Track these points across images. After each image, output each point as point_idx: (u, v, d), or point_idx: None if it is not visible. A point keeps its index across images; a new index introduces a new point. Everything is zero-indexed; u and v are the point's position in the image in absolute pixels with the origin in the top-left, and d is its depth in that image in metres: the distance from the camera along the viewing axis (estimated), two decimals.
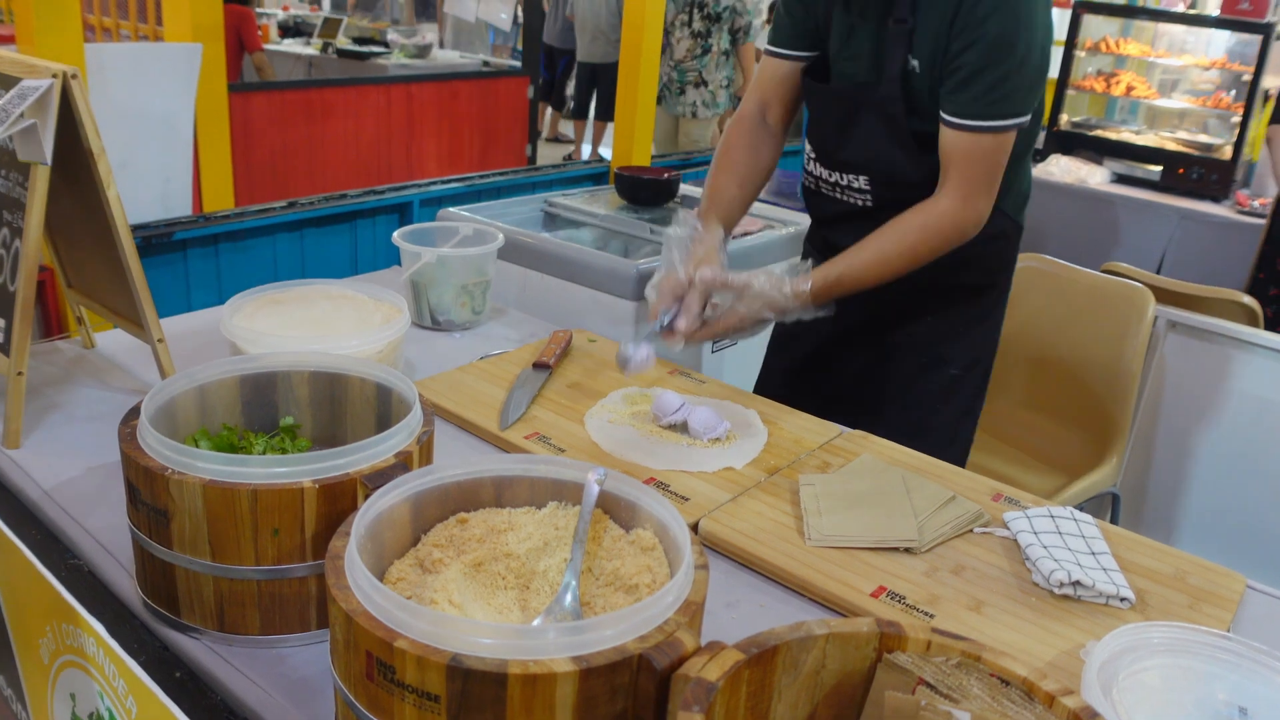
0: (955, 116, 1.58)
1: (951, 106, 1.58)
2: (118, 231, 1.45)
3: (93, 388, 1.63)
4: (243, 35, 6.24)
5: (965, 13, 1.53)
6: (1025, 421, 2.65)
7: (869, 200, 1.76)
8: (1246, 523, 2.79)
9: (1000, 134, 1.57)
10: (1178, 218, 4.91)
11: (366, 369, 1.26)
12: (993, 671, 0.83)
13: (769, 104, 1.86)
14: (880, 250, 1.62)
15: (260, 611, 1.05)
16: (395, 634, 0.79)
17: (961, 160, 1.59)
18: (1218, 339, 2.74)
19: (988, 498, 1.45)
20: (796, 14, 1.79)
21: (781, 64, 1.83)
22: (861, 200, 1.77)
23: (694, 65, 5.91)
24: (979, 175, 1.59)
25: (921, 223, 1.61)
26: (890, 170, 1.71)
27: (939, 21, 1.56)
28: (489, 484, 1.06)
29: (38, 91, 1.37)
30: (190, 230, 2.71)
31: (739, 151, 1.85)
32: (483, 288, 2.02)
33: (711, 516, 1.35)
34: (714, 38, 5.88)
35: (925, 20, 1.58)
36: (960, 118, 1.57)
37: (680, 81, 5.98)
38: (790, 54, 1.81)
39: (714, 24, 5.86)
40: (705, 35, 5.88)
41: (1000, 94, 1.55)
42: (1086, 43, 5.80)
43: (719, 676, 0.77)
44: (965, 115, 1.56)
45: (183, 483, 1.00)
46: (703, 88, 5.98)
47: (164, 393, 1.15)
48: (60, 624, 1.02)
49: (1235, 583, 1.29)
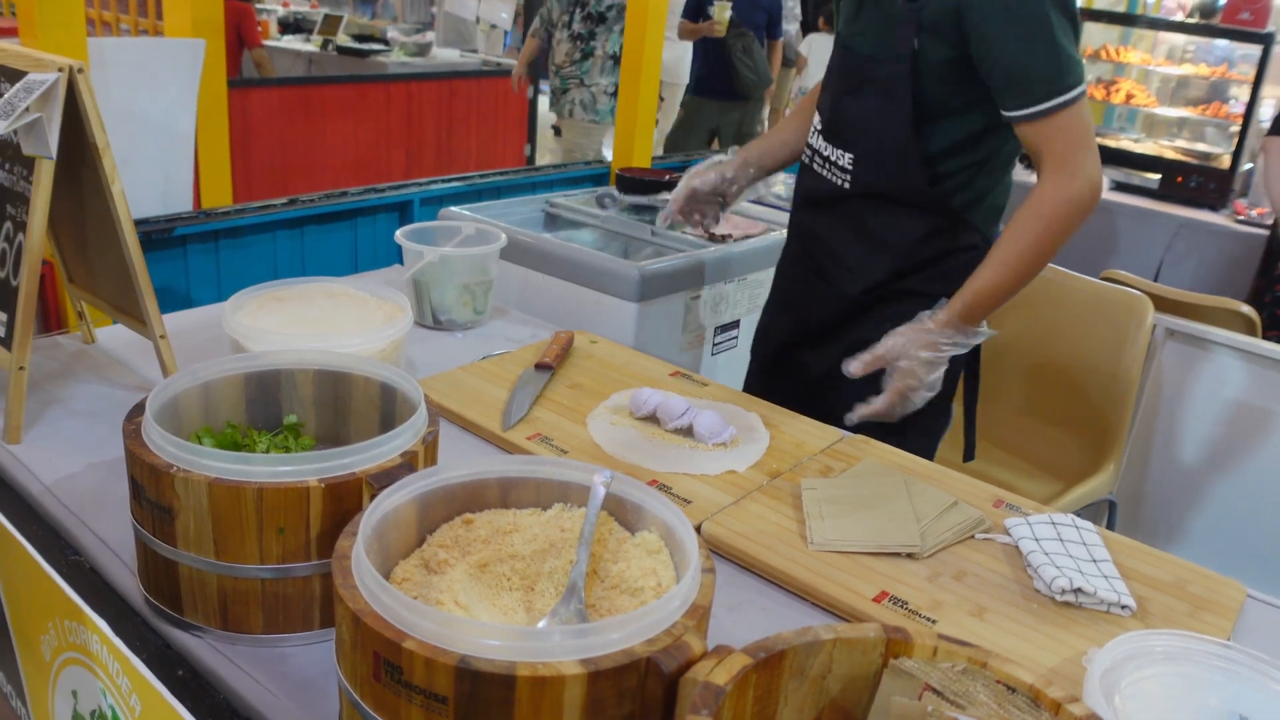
0: (1018, 110, 1.54)
1: (1011, 101, 1.55)
2: (121, 227, 1.45)
3: (93, 383, 1.62)
4: (242, 31, 6.23)
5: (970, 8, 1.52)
6: (1023, 428, 2.65)
7: (848, 182, 1.75)
8: (1243, 531, 2.80)
9: (1070, 106, 1.53)
10: (1176, 226, 4.92)
11: (371, 368, 1.26)
12: (999, 678, 0.83)
13: None
14: (1008, 254, 1.58)
15: (264, 610, 1.05)
16: (404, 634, 0.79)
17: (1045, 145, 1.55)
18: (1215, 347, 2.75)
19: (989, 504, 1.45)
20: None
21: None
22: (842, 180, 1.76)
23: (574, 71, 5.34)
24: (1069, 148, 1.54)
25: (1035, 211, 1.57)
26: (878, 149, 1.70)
27: (946, 12, 1.55)
28: (494, 485, 1.06)
29: (44, 85, 1.36)
30: (191, 226, 2.70)
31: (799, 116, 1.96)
32: (485, 287, 2.02)
33: (714, 519, 1.35)
34: (599, 40, 5.28)
35: (933, 5, 1.56)
36: (1023, 109, 1.54)
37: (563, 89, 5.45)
38: None
39: (598, 25, 5.26)
40: (588, 38, 5.28)
41: (1049, 70, 1.51)
42: (1086, 50, 5.82)
43: (727, 681, 0.77)
44: (1026, 105, 1.53)
45: (188, 480, 1.00)
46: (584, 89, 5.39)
47: (169, 389, 1.15)
48: (63, 621, 1.02)
49: (1235, 591, 1.29)
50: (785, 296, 1.98)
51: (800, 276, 1.91)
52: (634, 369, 1.82)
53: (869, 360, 1.57)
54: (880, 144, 1.69)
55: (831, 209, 1.79)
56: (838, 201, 1.77)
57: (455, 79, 6.22)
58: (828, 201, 1.80)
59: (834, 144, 1.77)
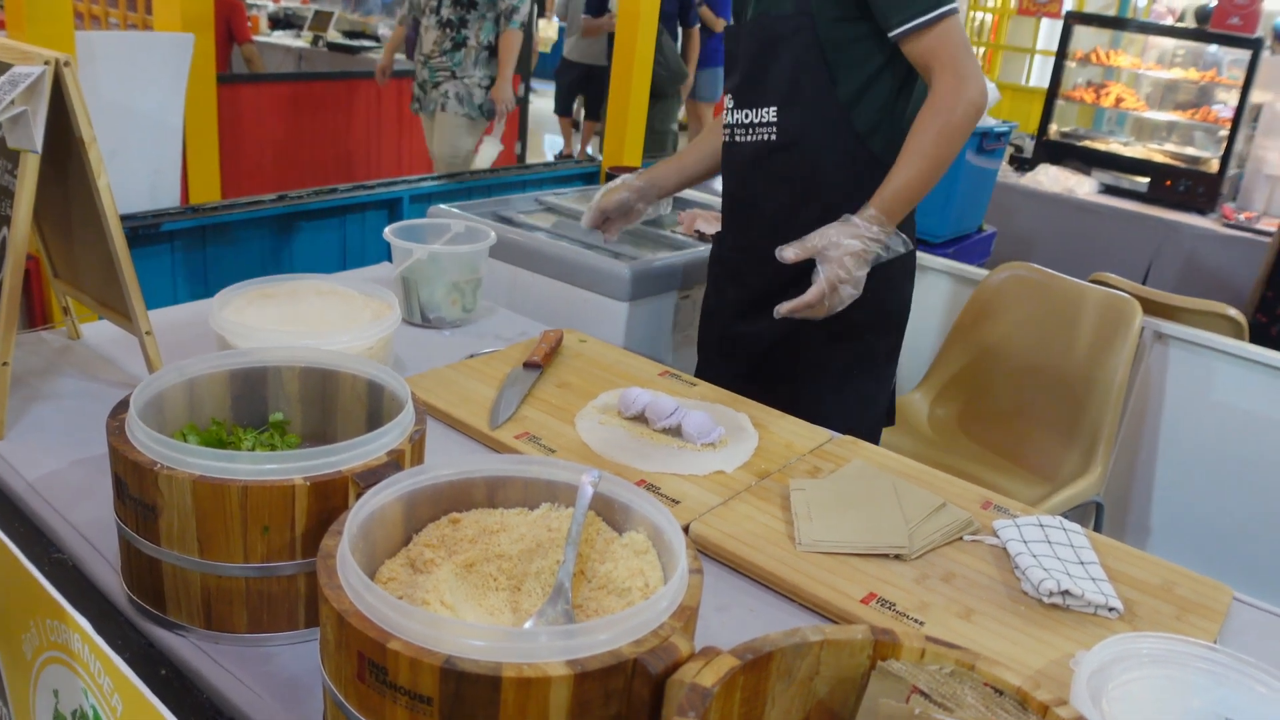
0: (903, 25, 1.67)
1: (896, 18, 1.67)
2: (107, 222, 1.44)
3: (78, 379, 1.61)
4: (232, 26, 6.21)
5: None
6: (1011, 429, 2.66)
7: (773, 134, 1.85)
8: (1229, 534, 2.80)
9: (950, 16, 1.67)
10: (1164, 229, 4.95)
11: (358, 365, 1.25)
12: (986, 680, 0.83)
13: None
14: (915, 152, 1.68)
15: (248, 609, 1.04)
16: (388, 635, 0.78)
17: (931, 56, 1.68)
18: (1203, 351, 2.75)
19: (977, 505, 1.45)
20: None
21: None
22: (767, 135, 1.86)
23: (444, 62, 4.79)
24: (956, 55, 1.68)
25: (935, 110, 1.68)
26: (798, 95, 1.81)
27: None
28: (482, 484, 1.05)
29: (29, 78, 1.35)
30: (178, 221, 2.69)
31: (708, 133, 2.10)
32: (474, 285, 2.01)
33: (702, 520, 1.35)
34: (470, 29, 4.74)
35: None
36: (907, 23, 1.66)
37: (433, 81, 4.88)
38: None
39: (469, 11, 4.71)
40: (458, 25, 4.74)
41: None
42: (1076, 53, 5.84)
43: (714, 682, 0.77)
44: (910, 18, 1.66)
45: (172, 478, 0.99)
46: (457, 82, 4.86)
47: (153, 386, 1.14)
48: (44, 619, 1.01)
49: (1222, 594, 1.30)
50: (725, 276, 2.08)
51: (737, 250, 2.02)
52: (623, 368, 1.81)
53: (799, 250, 1.64)
54: (800, 90, 1.80)
55: (758, 168, 1.90)
56: (764, 159, 1.88)
57: None
58: (754, 161, 1.90)
59: (754, 106, 1.87)
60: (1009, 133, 4.35)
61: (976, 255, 4.36)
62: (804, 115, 1.82)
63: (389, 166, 6.00)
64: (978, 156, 4.14)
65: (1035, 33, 10.55)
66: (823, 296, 1.62)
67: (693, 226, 2.78)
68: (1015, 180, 5.38)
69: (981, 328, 2.73)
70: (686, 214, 2.88)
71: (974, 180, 4.25)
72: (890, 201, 1.67)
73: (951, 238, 4.26)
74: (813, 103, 1.80)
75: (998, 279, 2.73)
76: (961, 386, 2.75)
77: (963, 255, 4.08)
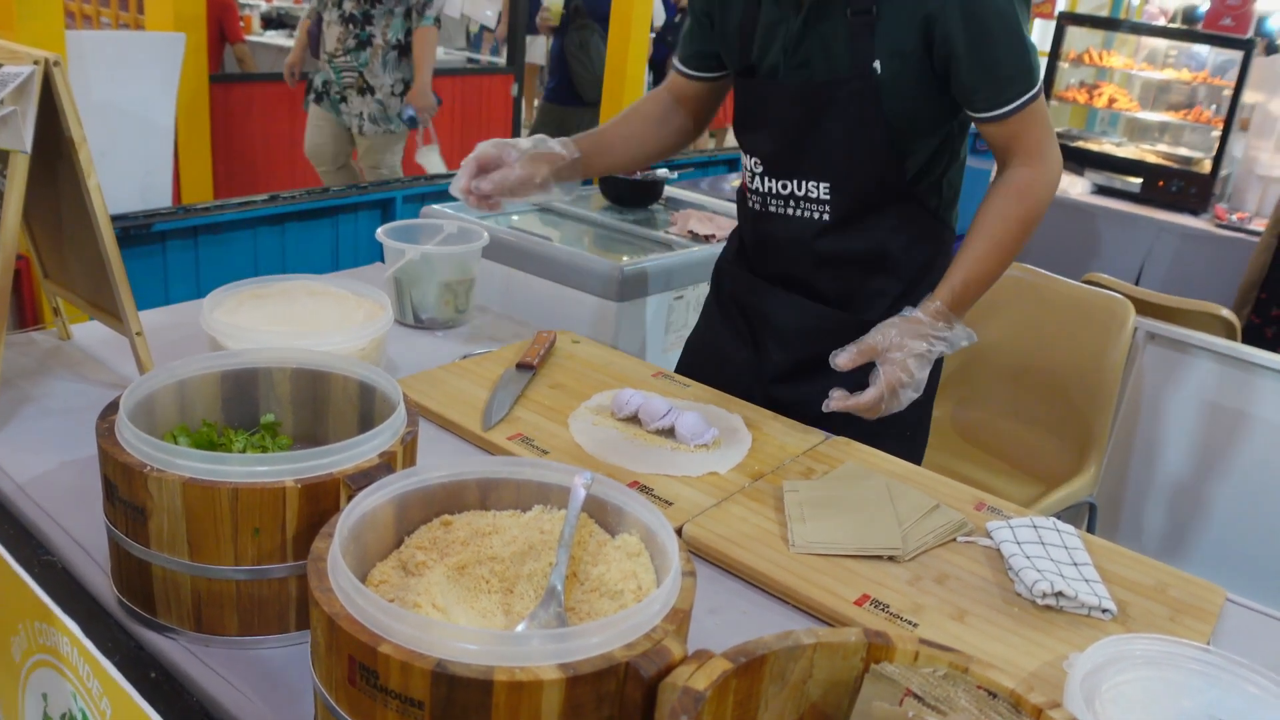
0: (992, 110, 1.52)
1: (984, 103, 1.52)
2: (97, 222, 1.43)
3: (68, 380, 1.60)
4: (224, 26, 6.18)
5: (943, 10, 1.46)
6: (1004, 430, 2.66)
7: (827, 213, 1.66)
8: (1222, 534, 2.81)
9: (1036, 101, 1.53)
10: (1156, 230, 4.96)
11: (350, 367, 1.25)
12: (980, 683, 0.83)
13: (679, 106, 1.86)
14: (995, 241, 1.55)
15: (239, 612, 1.04)
16: (379, 639, 0.77)
17: (1018, 139, 1.55)
18: (1196, 352, 2.76)
19: (970, 507, 1.45)
20: (704, 25, 1.74)
21: (685, 81, 1.83)
22: (819, 213, 1.67)
23: (349, 62, 4.39)
24: (1043, 137, 1.56)
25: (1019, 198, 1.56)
26: (858, 171, 1.62)
27: (907, 18, 1.50)
28: (474, 486, 1.05)
29: (19, 78, 1.34)
30: (170, 222, 2.68)
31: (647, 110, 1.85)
32: (466, 286, 2.00)
33: (695, 521, 1.34)
34: (376, 25, 4.34)
35: (890, 13, 1.51)
36: (998, 108, 1.52)
37: (339, 84, 4.46)
38: (702, 76, 1.81)
39: (374, 7, 4.31)
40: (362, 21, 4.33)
41: (1020, 71, 1.50)
42: (1070, 54, 5.85)
43: (707, 686, 0.76)
44: (1001, 104, 1.52)
45: (162, 480, 0.98)
46: (368, 95, 4.44)
47: (143, 387, 1.14)
48: (33, 622, 1.00)
49: (1215, 595, 1.30)
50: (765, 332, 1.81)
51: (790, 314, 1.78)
52: (616, 369, 1.81)
53: (858, 353, 1.48)
54: (858, 165, 1.62)
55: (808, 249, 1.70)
56: (816, 238, 1.69)
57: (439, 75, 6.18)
58: (801, 240, 1.70)
59: (795, 178, 1.66)
60: None
61: None
62: (863, 191, 1.64)
63: None
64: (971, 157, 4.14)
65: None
66: (880, 400, 1.46)
67: (686, 227, 2.78)
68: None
69: (975, 328, 2.72)
70: (680, 214, 2.88)
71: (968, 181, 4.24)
72: (961, 294, 1.53)
73: None
74: (874, 178, 1.63)
75: None
76: (955, 387, 2.75)
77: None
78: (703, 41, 1.77)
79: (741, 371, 1.83)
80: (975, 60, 1.49)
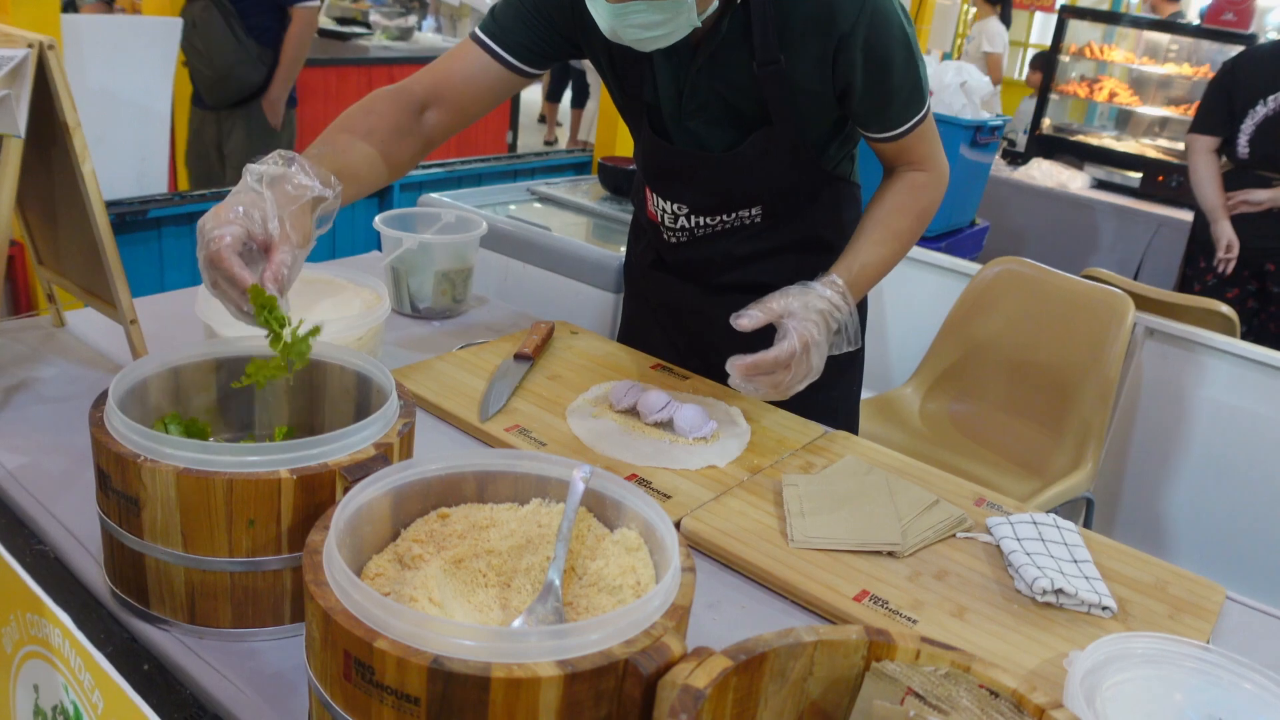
0: (884, 132, 1.57)
1: (876, 126, 1.56)
2: (92, 208, 1.42)
3: (62, 368, 1.59)
4: None
5: (845, 47, 1.44)
6: (1001, 425, 2.65)
7: (759, 218, 1.69)
8: (1219, 530, 2.81)
9: (925, 119, 1.58)
10: (1156, 225, 4.95)
11: (346, 357, 1.23)
12: (982, 682, 0.82)
13: (441, 101, 1.55)
14: (892, 233, 1.58)
15: (233, 604, 1.03)
16: (375, 634, 0.76)
17: (909, 152, 1.60)
18: (1195, 347, 2.76)
19: (970, 502, 1.44)
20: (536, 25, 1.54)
21: (489, 62, 1.55)
22: (751, 220, 1.69)
23: None
24: (926, 153, 1.61)
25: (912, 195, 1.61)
26: (788, 189, 1.66)
27: (811, 59, 1.46)
28: (471, 479, 1.04)
29: (12, 61, 1.33)
30: (166, 208, 2.66)
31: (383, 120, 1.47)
32: (464, 276, 1.99)
33: (694, 515, 1.33)
34: None
35: (794, 57, 1.46)
36: (889, 130, 1.56)
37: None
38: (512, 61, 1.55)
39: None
40: None
41: (913, 95, 1.54)
42: (1070, 48, 5.84)
43: (707, 684, 0.75)
44: (893, 127, 1.56)
45: (155, 470, 0.97)
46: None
47: (134, 375, 1.12)
48: (24, 614, 0.99)
49: (1215, 593, 1.29)
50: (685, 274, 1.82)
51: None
52: (615, 361, 1.80)
53: (761, 316, 1.43)
54: (787, 185, 1.66)
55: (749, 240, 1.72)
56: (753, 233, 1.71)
57: None
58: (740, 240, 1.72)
59: (727, 212, 1.68)
60: (1002, 127, 4.35)
61: (969, 250, 4.36)
62: (793, 196, 1.68)
63: None
64: (971, 150, 4.13)
65: (1029, 27, 10.54)
66: (794, 357, 1.40)
67: None
68: (1008, 174, 5.38)
69: (973, 322, 2.72)
70: None
71: (967, 174, 4.24)
72: (858, 275, 1.53)
73: (944, 231, 4.25)
74: (802, 187, 1.67)
75: (990, 273, 2.73)
76: (953, 381, 2.75)
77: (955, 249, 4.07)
78: (541, 34, 1.55)
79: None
80: (873, 91, 1.51)
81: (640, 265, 1.91)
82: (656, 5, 1.32)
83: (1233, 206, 3.80)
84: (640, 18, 1.34)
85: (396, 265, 1.93)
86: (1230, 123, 3.80)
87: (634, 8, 1.32)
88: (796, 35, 1.45)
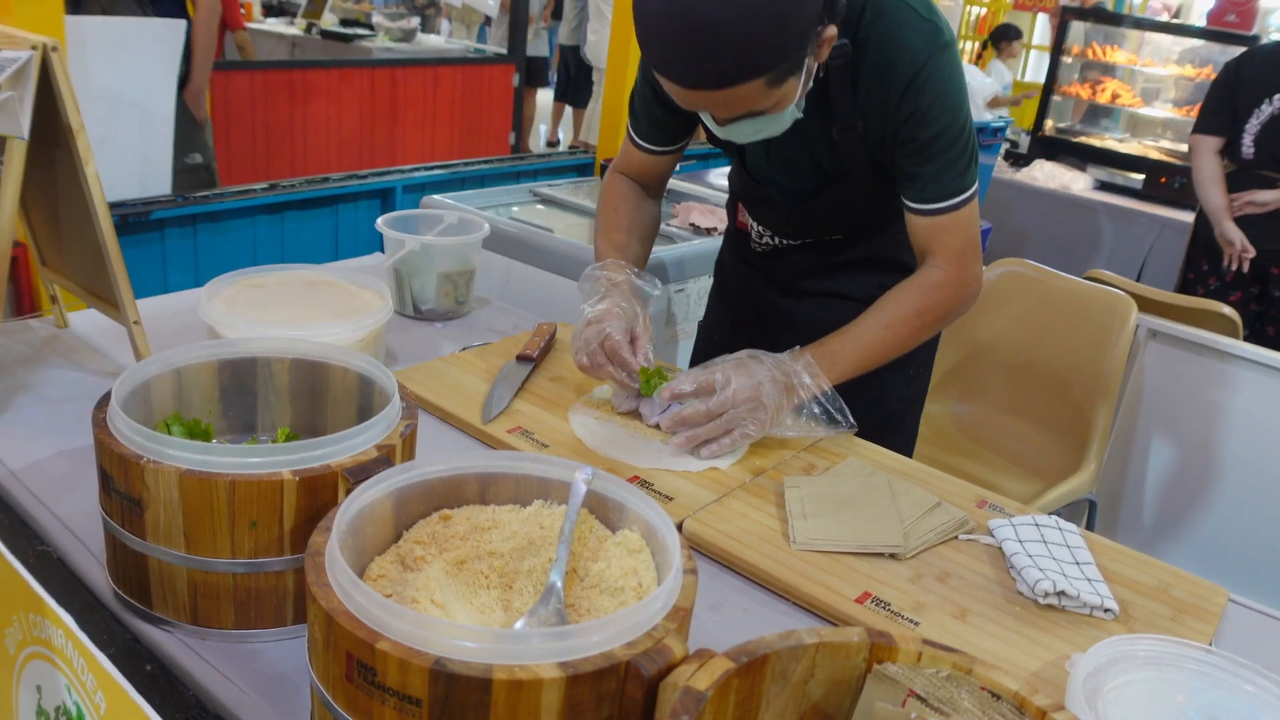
0: (924, 203, 1.55)
1: (916, 195, 1.55)
2: (95, 210, 1.42)
3: (65, 369, 1.59)
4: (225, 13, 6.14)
5: (909, 106, 1.47)
6: (1004, 426, 2.65)
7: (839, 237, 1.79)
8: (1221, 533, 2.81)
9: (971, 202, 1.55)
10: (1158, 226, 4.95)
11: (349, 358, 1.23)
12: (983, 685, 0.82)
13: (644, 183, 1.87)
14: (890, 321, 1.58)
15: (235, 605, 1.03)
16: (377, 635, 0.77)
17: (941, 238, 1.57)
18: (1198, 349, 2.75)
19: (972, 504, 1.44)
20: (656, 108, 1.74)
21: (642, 154, 1.83)
22: (832, 240, 1.80)
23: None
24: (963, 244, 1.57)
25: (921, 291, 1.59)
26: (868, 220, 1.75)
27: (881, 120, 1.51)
28: (473, 480, 1.04)
29: (16, 63, 1.33)
30: (168, 210, 2.67)
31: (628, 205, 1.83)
32: (467, 277, 1.99)
33: (696, 517, 1.33)
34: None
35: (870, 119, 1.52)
36: (930, 203, 1.55)
37: None
38: (661, 150, 1.81)
39: None
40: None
41: (960, 168, 1.52)
42: (1073, 49, 5.83)
43: (708, 686, 0.75)
44: (934, 200, 1.54)
45: (158, 472, 0.97)
46: None
47: (137, 376, 1.12)
48: (27, 614, 0.99)
49: (1218, 596, 1.29)
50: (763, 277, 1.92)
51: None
52: None
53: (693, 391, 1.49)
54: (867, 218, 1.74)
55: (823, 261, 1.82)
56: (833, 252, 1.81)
57: (440, 65, 6.16)
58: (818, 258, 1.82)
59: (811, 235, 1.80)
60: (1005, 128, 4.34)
61: None
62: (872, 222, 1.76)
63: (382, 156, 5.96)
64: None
65: (1031, 27, 10.54)
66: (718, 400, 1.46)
67: (688, 220, 2.76)
68: (1010, 176, 5.38)
69: (976, 324, 2.72)
70: (682, 207, 2.87)
71: None
72: (832, 349, 1.54)
73: None
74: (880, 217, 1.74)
75: (992, 275, 2.73)
76: (955, 383, 2.75)
77: None
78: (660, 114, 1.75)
79: None
80: (926, 154, 1.51)
81: (730, 261, 2.00)
82: (762, 119, 1.41)
83: (1238, 208, 3.79)
84: (748, 127, 1.44)
85: (399, 267, 1.93)
86: (1234, 123, 3.80)
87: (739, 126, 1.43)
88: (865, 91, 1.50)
